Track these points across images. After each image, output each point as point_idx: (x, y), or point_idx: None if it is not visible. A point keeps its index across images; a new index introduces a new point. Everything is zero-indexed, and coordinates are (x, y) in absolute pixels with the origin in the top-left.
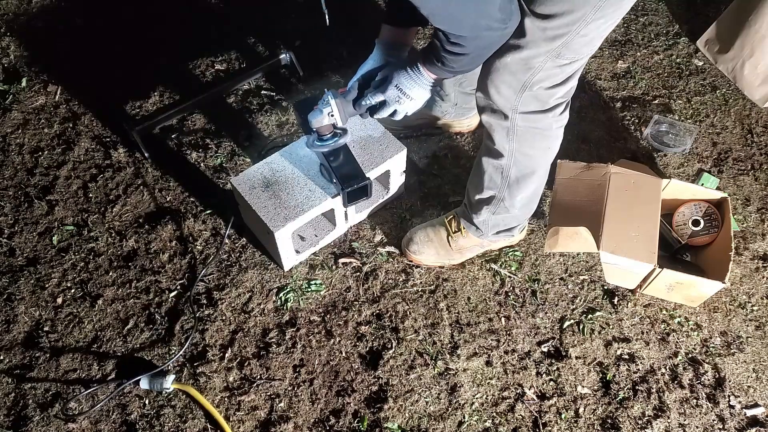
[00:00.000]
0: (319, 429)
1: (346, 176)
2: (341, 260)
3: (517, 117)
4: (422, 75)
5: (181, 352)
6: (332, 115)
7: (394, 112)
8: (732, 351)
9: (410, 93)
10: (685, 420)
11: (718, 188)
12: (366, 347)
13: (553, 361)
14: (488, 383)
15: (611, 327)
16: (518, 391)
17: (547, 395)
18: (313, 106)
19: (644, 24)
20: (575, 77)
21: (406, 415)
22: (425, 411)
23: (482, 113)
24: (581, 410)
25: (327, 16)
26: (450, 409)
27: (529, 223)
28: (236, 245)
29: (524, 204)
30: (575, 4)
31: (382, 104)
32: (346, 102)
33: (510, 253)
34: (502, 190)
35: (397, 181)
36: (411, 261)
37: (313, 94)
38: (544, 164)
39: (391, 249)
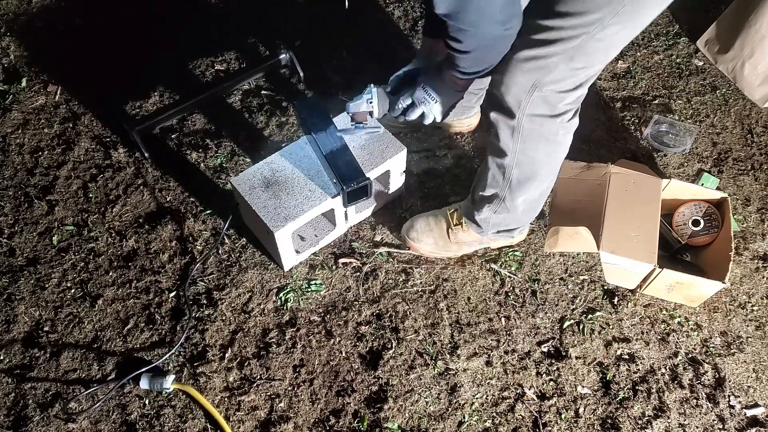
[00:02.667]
0: (319, 429)
1: (346, 176)
2: (341, 260)
3: (524, 118)
4: (445, 78)
5: (174, 350)
6: (371, 103)
7: (423, 115)
8: (732, 351)
9: (434, 95)
10: (685, 420)
11: (718, 188)
12: (366, 347)
13: (553, 361)
14: (488, 383)
15: (611, 327)
16: (518, 391)
17: (547, 395)
18: (313, 105)
19: None
20: (586, 85)
21: (406, 415)
22: (425, 411)
23: (491, 110)
24: (581, 410)
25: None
26: (450, 409)
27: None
28: (236, 245)
29: (527, 208)
30: (594, 5)
31: (412, 106)
32: (385, 95)
33: (510, 253)
34: (503, 189)
35: (397, 181)
36: (409, 247)
37: (314, 94)
38: (547, 170)
39: (392, 249)
